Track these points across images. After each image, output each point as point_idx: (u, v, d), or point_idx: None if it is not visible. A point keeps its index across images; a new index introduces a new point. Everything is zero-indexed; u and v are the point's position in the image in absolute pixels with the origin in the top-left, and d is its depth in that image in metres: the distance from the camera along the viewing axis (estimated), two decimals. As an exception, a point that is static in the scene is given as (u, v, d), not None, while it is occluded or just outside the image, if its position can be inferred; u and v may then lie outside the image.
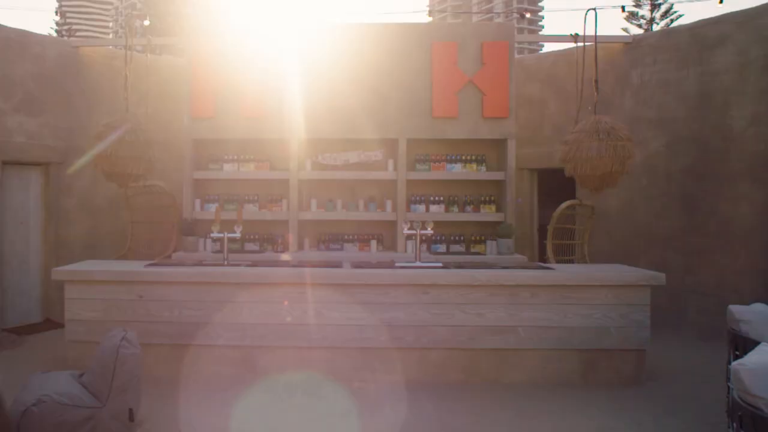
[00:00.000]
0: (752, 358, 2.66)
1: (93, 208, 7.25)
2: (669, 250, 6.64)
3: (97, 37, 50.69)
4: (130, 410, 3.62)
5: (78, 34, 54.65)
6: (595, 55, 6.38)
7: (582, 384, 4.76)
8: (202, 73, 6.58)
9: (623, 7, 9.80)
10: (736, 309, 3.67)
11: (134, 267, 5.08)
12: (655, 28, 28.69)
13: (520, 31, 57.00)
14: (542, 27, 73.51)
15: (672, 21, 29.20)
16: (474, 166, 6.73)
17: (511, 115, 6.55)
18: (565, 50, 7.58)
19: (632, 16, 29.56)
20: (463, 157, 6.74)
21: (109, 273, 4.88)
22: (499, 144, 6.74)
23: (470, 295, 4.79)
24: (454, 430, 3.85)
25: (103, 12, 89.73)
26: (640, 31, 26.22)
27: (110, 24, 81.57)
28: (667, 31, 7.12)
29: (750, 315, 3.56)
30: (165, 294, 4.88)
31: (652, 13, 29.35)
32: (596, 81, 6.30)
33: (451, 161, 6.74)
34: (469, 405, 4.27)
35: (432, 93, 6.56)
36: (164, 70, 7.51)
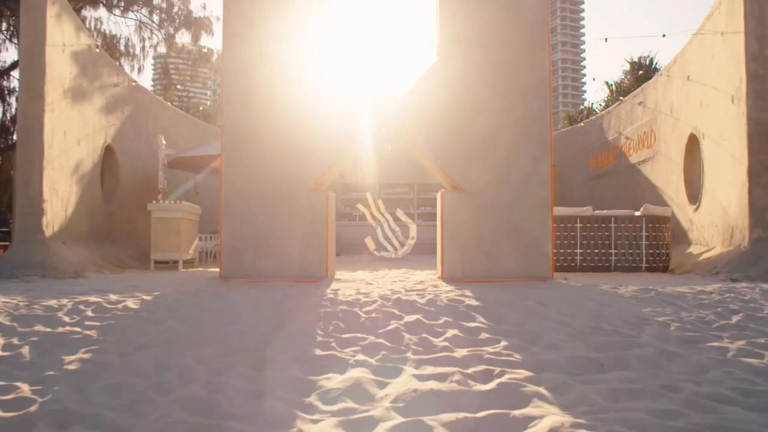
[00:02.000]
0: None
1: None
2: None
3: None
4: (336, 245, 15.73)
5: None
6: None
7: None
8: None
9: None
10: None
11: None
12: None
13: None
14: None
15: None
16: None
17: (454, 174, 18.41)
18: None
19: None
20: (438, 189, 18.63)
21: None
22: (451, 184, 18.59)
23: (425, 226, 16.64)
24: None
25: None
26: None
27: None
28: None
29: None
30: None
31: None
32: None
33: (434, 191, 18.67)
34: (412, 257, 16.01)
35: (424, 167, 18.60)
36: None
